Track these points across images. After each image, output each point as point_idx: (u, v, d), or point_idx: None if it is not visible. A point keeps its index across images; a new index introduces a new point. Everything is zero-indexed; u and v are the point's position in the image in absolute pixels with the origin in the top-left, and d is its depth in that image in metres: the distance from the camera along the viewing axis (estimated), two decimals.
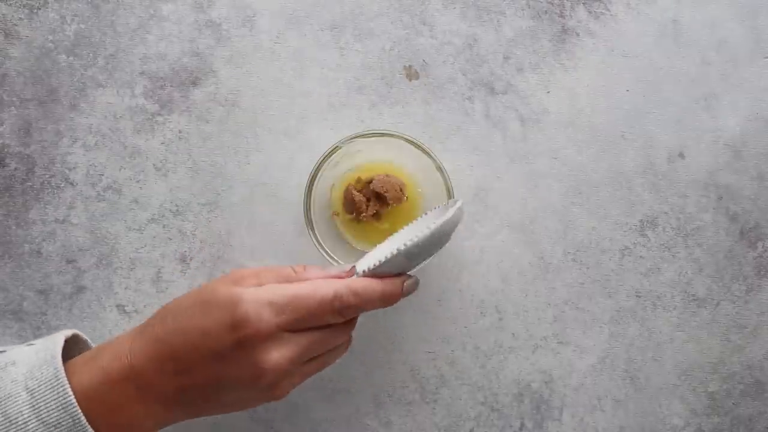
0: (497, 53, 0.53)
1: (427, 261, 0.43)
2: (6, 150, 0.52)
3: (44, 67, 0.52)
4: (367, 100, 0.53)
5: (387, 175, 0.50)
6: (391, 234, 0.51)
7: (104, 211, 0.52)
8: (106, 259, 0.52)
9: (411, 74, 0.53)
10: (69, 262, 0.52)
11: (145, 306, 0.52)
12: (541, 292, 0.53)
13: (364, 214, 0.50)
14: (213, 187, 0.52)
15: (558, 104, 0.53)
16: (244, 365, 0.38)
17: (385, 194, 0.50)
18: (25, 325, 0.51)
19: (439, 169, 0.49)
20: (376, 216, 0.51)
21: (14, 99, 0.52)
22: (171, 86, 0.52)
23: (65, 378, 0.38)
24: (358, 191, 0.50)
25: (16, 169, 0.52)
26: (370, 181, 0.50)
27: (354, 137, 0.48)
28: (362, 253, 0.51)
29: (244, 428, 0.52)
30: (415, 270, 0.44)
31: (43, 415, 0.37)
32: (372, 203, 0.50)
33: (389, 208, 0.50)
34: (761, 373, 0.54)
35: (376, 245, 0.51)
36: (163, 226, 0.52)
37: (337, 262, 0.49)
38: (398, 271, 0.43)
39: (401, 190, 0.50)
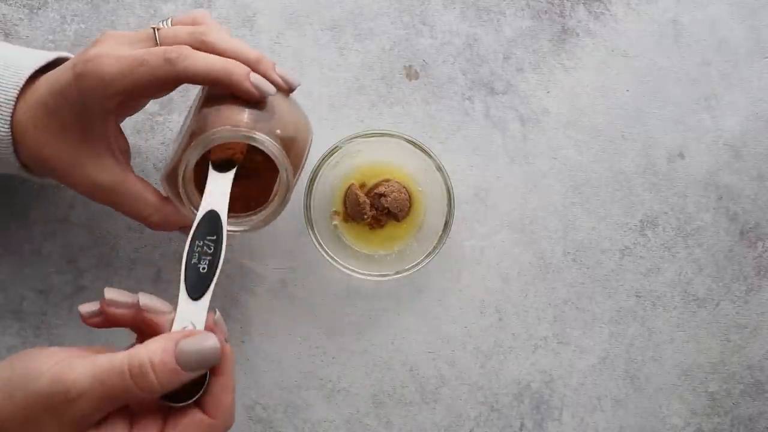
0: (497, 53, 0.53)
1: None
2: None
3: None
4: (367, 100, 0.53)
5: (393, 184, 0.50)
6: (389, 238, 0.51)
7: (104, 211, 0.52)
8: (106, 259, 0.52)
9: (411, 74, 0.53)
10: (69, 262, 0.52)
11: None
12: (541, 292, 0.53)
13: (366, 215, 0.50)
14: None
15: (558, 104, 0.53)
16: None
17: (398, 213, 0.50)
18: (25, 324, 0.51)
19: (439, 169, 0.49)
20: (377, 221, 0.51)
21: None
22: None
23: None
24: (362, 194, 0.50)
25: None
26: (375, 187, 0.50)
27: (354, 137, 0.48)
28: (362, 254, 0.51)
29: (244, 428, 0.52)
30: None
31: None
32: (378, 213, 0.50)
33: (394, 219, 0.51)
34: (761, 373, 0.54)
35: (375, 246, 0.51)
36: None
37: (337, 262, 0.49)
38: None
39: (409, 201, 0.50)
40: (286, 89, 0.43)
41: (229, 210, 0.40)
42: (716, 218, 0.54)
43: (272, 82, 0.42)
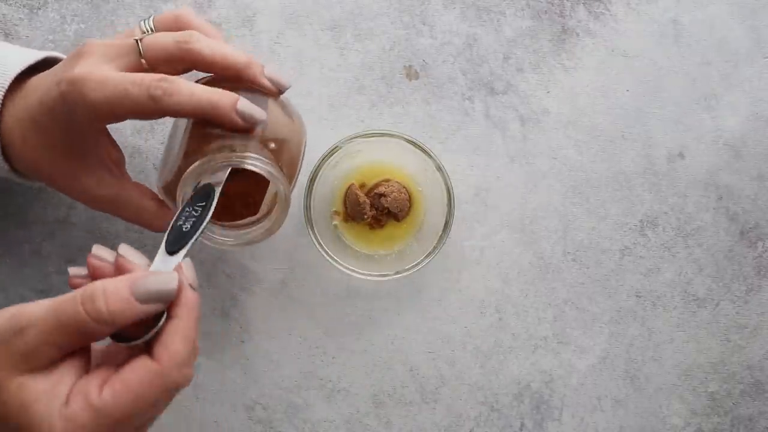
0: (497, 53, 0.53)
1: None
2: None
3: None
4: (367, 100, 0.53)
5: (393, 184, 0.50)
6: (389, 238, 0.51)
7: None
8: None
9: (411, 74, 0.53)
10: (69, 262, 0.51)
11: None
12: (541, 292, 0.53)
13: (366, 215, 0.50)
14: None
15: (558, 104, 0.53)
16: None
17: (398, 213, 0.50)
18: None
19: (439, 169, 0.49)
20: (377, 221, 0.51)
21: None
22: None
23: None
24: (362, 194, 0.50)
25: None
26: (375, 187, 0.50)
27: (354, 137, 0.48)
28: (362, 254, 0.51)
29: (244, 428, 0.52)
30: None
31: None
32: (378, 213, 0.50)
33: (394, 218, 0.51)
34: (761, 373, 0.54)
35: (375, 246, 0.51)
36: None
37: (337, 262, 0.49)
38: None
39: (409, 201, 0.51)
40: (276, 93, 0.42)
41: (228, 209, 0.40)
42: (716, 218, 0.54)
43: (262, 87, 0.41)
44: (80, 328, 0.32)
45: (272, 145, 0.41)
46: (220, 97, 0.39)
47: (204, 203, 0.38)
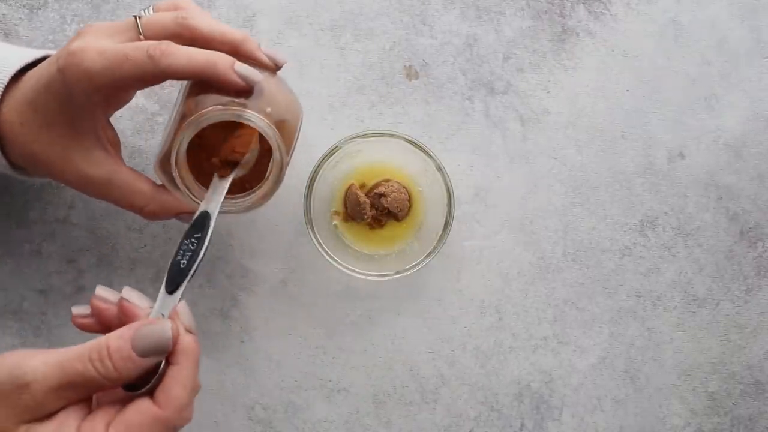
0: (497, 53, 0.53)
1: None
2: None
3: None
4: (367, 100, 0.53)
5: (393, 184, 0.50)
6: (389, 238, 0.51)
7: (104, 211, 0.52)
8: (106, 259, 0.52)
9: (411, 74, 0.53)
10: (69, 262, 0.52)
11: None
12: (541, 292, 0.53)
13: (366, 215, 0.50)
14: None
15: (558, 104, 0.53)
16: None
17: (398, 213, 0.50)
18: (25, 325, 0.51)
19: (439, 169, 0.49)
20: (377, 221, 0.51)
21: None
22: (171, 86, 0.52)
23: None
24: (362, 194, 0.50)
25: None
26: (375, 187, 0.50)
27: (354, 137, 0.48)
28: (362, 254, 0.51)
29: (244, 428, 0.52)
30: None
31: None
32: (378, 213, 0.50)
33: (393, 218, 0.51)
34: (761, 373, 0.54)
35: (375, 246, 0.51)
36: (163, 226, 0.52)
37: (337, 262, 0.49)
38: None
39: (409, 201, 0.51)
40: (273, 68, 0.43)
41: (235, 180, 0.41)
42: (716, 218, 0.54)
43: (258, 61, 0.42)
44: (90, 385, 0.34)
45: (268, 110, 0.41)
46: (218, 58, 0.39)
47: (200, 235, 0.39)
